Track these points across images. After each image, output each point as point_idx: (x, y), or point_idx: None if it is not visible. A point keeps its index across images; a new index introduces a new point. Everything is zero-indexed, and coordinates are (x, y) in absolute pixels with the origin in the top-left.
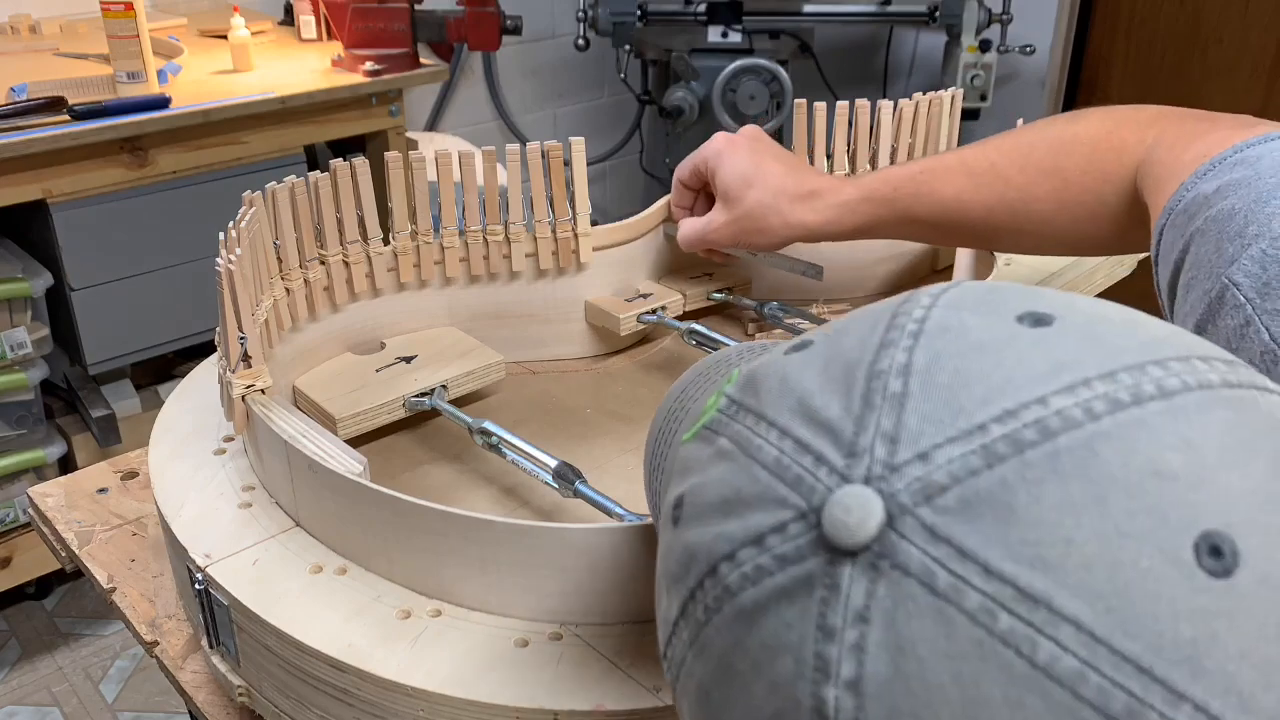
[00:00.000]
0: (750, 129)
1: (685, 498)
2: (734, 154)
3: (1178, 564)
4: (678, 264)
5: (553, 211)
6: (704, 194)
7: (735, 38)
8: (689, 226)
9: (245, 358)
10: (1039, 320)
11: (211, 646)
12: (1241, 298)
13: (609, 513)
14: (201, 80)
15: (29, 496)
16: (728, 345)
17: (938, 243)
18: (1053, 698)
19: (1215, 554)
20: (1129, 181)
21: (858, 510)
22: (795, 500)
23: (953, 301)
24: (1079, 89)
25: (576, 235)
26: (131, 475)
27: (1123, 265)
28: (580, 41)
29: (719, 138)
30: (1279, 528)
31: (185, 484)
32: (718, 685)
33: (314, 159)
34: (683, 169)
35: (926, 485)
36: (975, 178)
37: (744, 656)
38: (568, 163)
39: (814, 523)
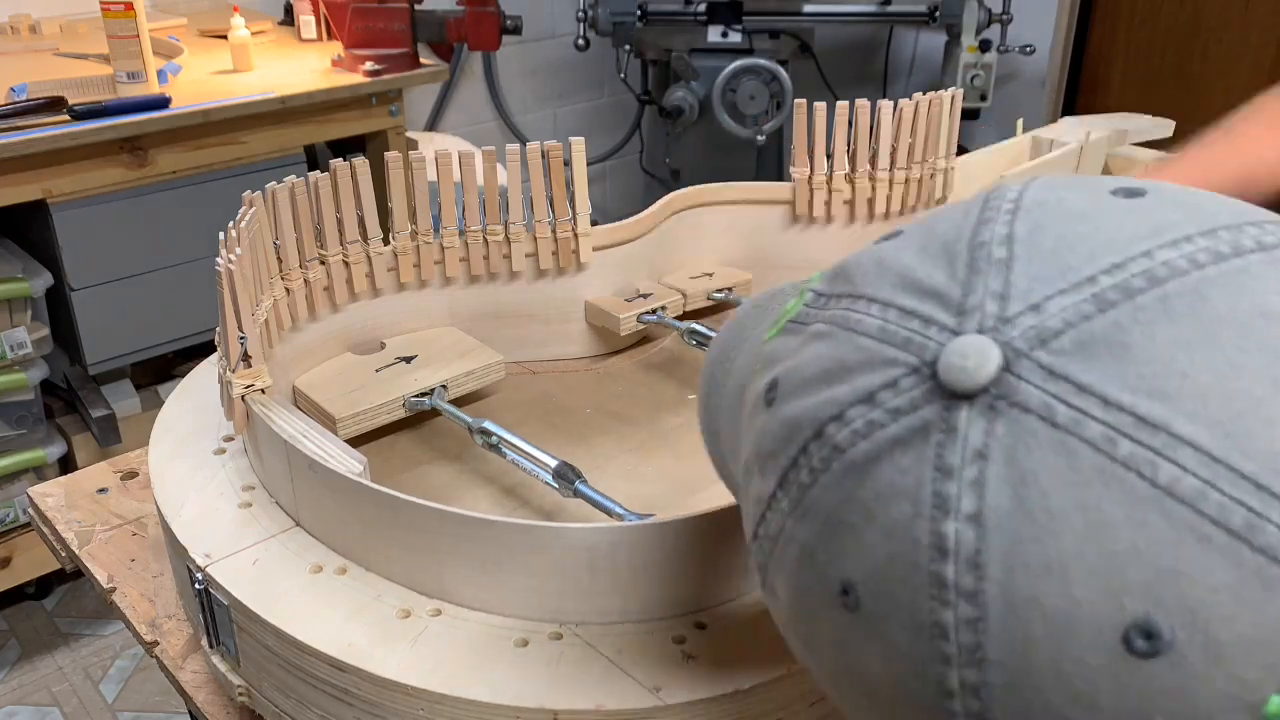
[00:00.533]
0: None
1: (779, 380)
2: None
3: None
4: (677, 263)
5: (553, 211)
6: None
7: (735, 38)
8: None
9: (245, 358)
10: (1131, 193)
11: (211, 646)
12: None
13: (609, 513)
14: (201, 80)
15: (29, 496)
16: None
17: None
18: (1175, 515)
19: None
20: None
21: (975, 355)
22: (905, 358)
23: (1045, 183)
24: (1079, 89)
25: (576, 235)
26: (131, 475)
27: None
28: (580, 41)
29: None
30: None
31: (185, 484)
32: (825, 542)
33: (314, 159)
34: None
35: (1041, 331)
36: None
37: (855, 508)
38: (568, 163)
39: (928, 375)
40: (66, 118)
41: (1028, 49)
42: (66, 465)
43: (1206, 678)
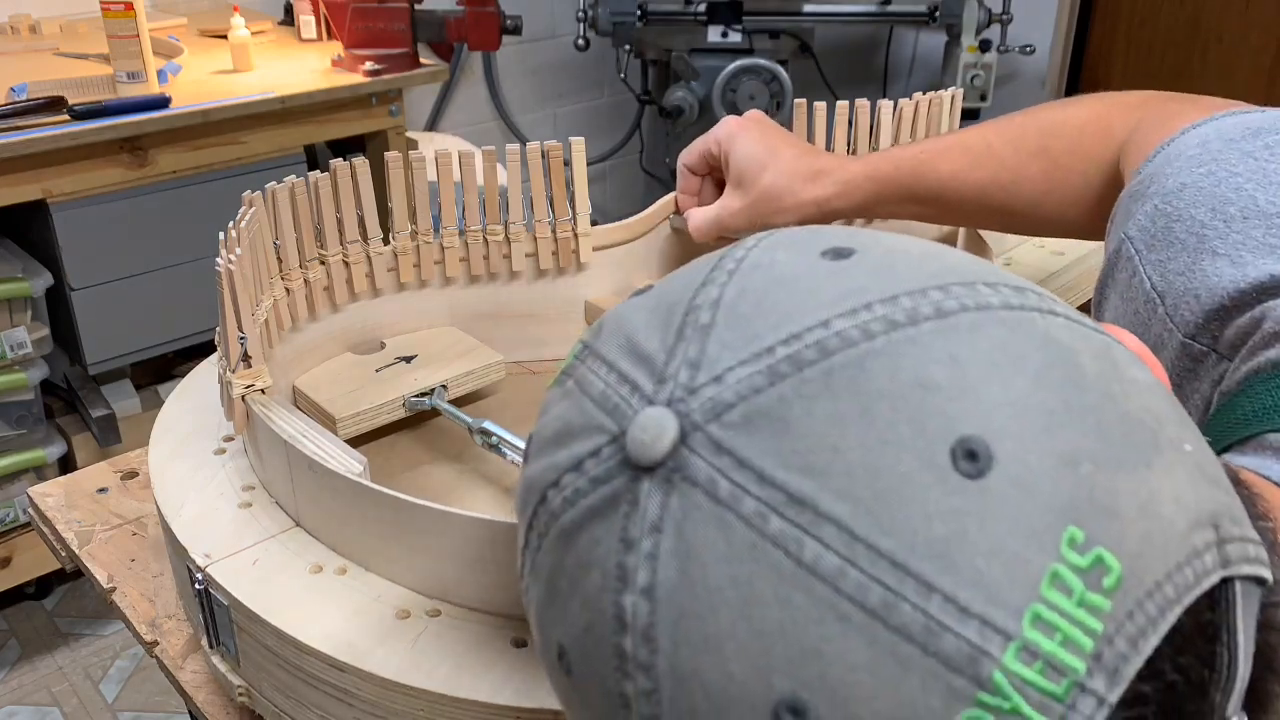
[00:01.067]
0: (755, 113)
1: (533, 436)
2: (746, 136)
3: (934, 468)
4: (678, 263)
5: (553, 211)
6: (709, 181)
7: (735, 38)
8: (701, 215)
9: (245, 358)
10: (840, 254)
11: (211, 646)
12: (1132, 250)
13: None
14: (201, 80)
15: (29, 496)
16: None
17: (936, 221)
18: (816, 593)
19: (971, 457)
20: (1113, 164)
21: (653, 429)
22: (609, 425)
23: (773, 242)
24: (1079, 89)
25: (576, 235)
26: (131, 475)
27: None
28: (580, 41)
29: (728, 121)
30: (1034, 434)
31: (185, 484)
32: (546, 606)
33: (314, 159)
34: (689, 154)
35: (716, 404)
36: (972, 156)
37: (563, 576)
38: (568, 163)
39: (622, 444)
40: (66, 118)
41: (1028, 49)
42: (66, 465)
43: None
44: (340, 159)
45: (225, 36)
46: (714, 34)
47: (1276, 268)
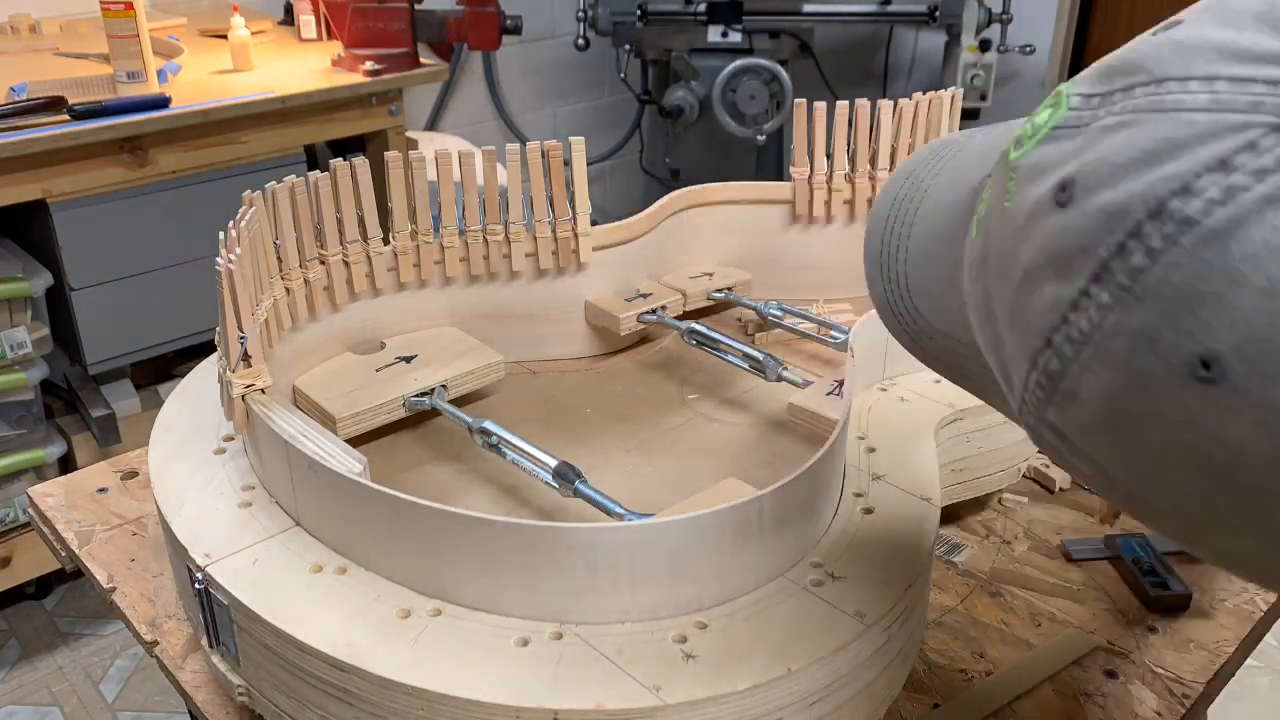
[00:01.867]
0: None
1: (1075, 178)
2: None
3: None
4: (678, 264)
5: (553, 211)
6: None
7: (735, 37)
8: None
9: (245, 357)
10: None
11: (211, 646)
12: None
13: (609, 512)
14: (201, 80)
15: (29, 496)
16: (729, 344)
17: None
18: None
19: None
20: None
21: None
22: (1259, 119)
23: None
24: None
25: (576, 235)
26: (131, 475)
27: None
28: (580, 41)
29: None
30: None
31: (185, 484)
32: (1175, 321)
33: (314, 159)
34: None
35: None
36: None
37: (1218, 277)
38: (567, 162)
39: None
40: (66, 117)
41: (1028, 49)
42: (66, 465)
43: None
44: (340, 159)
45: (225, 36)
46: (714, 34)
47: None
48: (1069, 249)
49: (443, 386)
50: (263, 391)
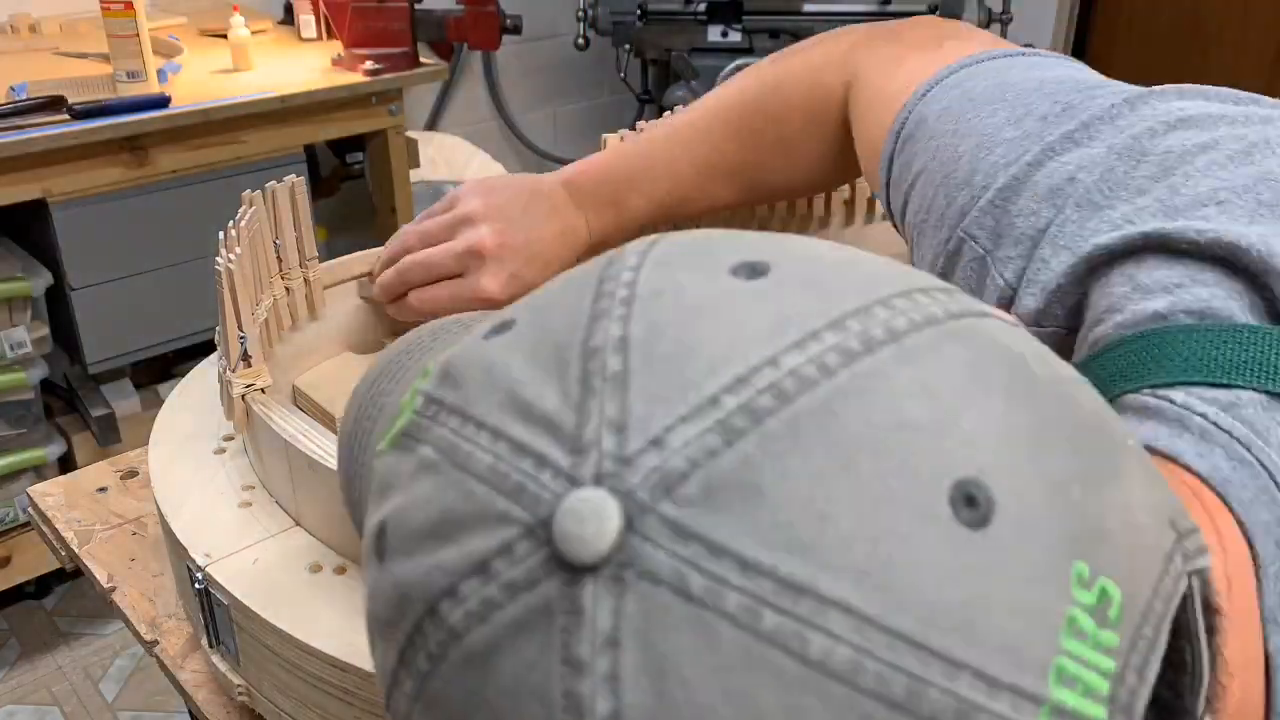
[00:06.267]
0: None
1: (388, 525)
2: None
3: (936, 522)
4: None
5: None
6: None
7: (735, 37)
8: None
9: (245, 357)
10: (753, 270)
11: (211, 646)
12: (980, 249)
13: None
14: (201, 80)
15: (29, 496)
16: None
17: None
18: (831, 695)
19: (970, 503)
20: (843, 121)
21: (591, 517)
22: (519, 514)
23: (661, 259)
24: None
25: None
26: (131, 474)
27: None
28: (580, 41)
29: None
30: (1022, 463)
31: (185, 484)
32: None
33: (314, 158)
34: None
35: (665, 475)
36: (717, 175)
37: (483, 708)
38: (567, 162)
39: (544, 538)
40: (66, 117)
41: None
42: (66, 465)
43: None
44: (340, 161)
45: (225, 36)
46: (714, 33)
47: (1102, 239)
48: (382, 616)
49: None
50: (263, 391)
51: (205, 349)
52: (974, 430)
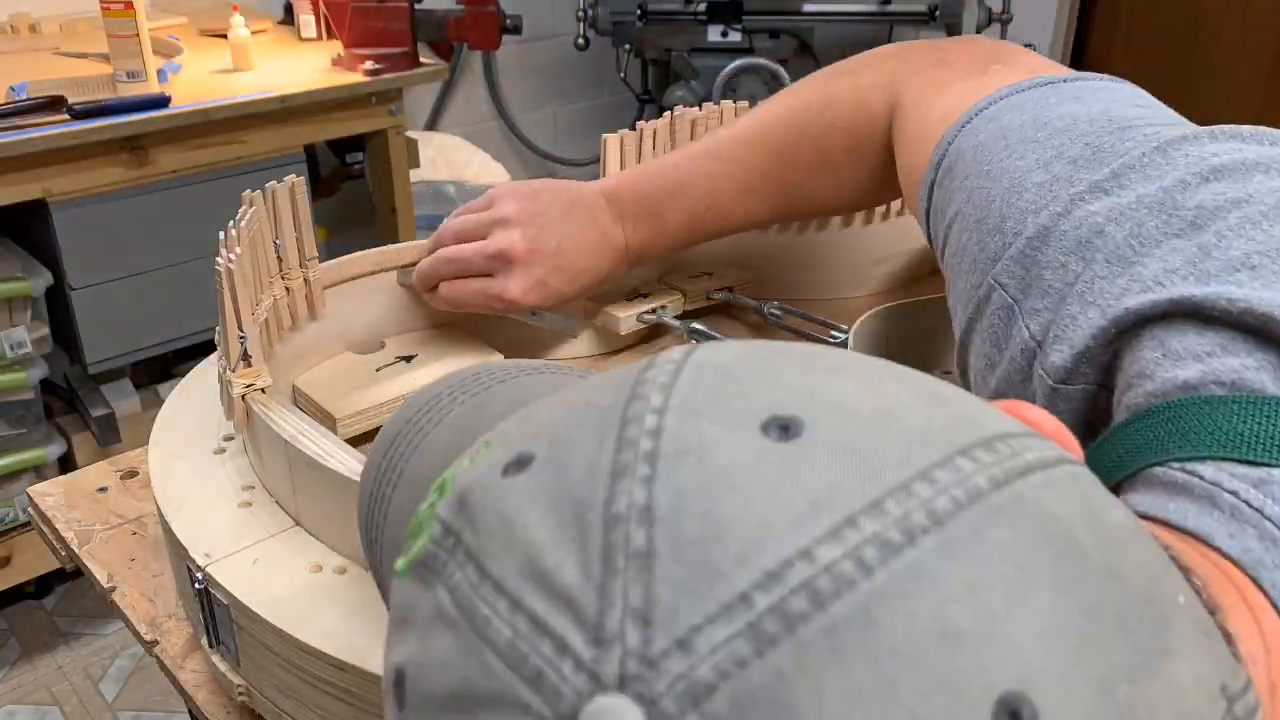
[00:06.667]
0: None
1: (407, 676)
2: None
3: None
4: (678, 263)
5: None
6: None
7: (735, 37)
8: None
9: (245, 357)
10: (784, 428)
11: (211, 646)
12: (1008, 298)
13: None
14: (201, 79)
15: (29, 496)
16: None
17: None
18: None
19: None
20: (885, 145)
21: None
22: (539, 707)
23: (688, 405)
24: None
25: None
26: (131, 474)
27: None
28: (580, 41)
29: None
30: (1070, 668)
31: (185, 483)
32: None
33: (314, 158)
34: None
35: (692, 685)
36: (756, 193)
37: None
38: (566, 162)
39: None
40: (66, 117)
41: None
42: (66, 465)
43: None
44: (340, 161)
45: (225, 36)
46: (714, 33)
47: (1131, 301)
48: None
49: None
50: (263, 391)
51: (205, 349)
52: (1020, 635)
